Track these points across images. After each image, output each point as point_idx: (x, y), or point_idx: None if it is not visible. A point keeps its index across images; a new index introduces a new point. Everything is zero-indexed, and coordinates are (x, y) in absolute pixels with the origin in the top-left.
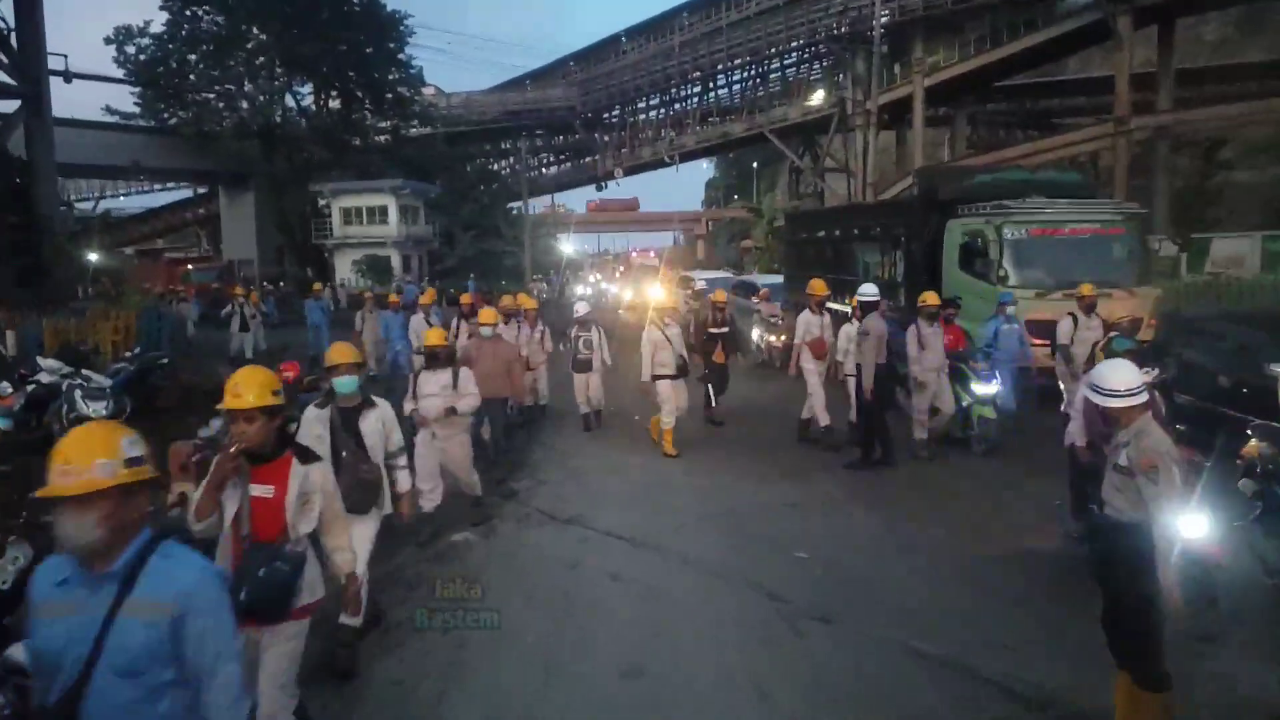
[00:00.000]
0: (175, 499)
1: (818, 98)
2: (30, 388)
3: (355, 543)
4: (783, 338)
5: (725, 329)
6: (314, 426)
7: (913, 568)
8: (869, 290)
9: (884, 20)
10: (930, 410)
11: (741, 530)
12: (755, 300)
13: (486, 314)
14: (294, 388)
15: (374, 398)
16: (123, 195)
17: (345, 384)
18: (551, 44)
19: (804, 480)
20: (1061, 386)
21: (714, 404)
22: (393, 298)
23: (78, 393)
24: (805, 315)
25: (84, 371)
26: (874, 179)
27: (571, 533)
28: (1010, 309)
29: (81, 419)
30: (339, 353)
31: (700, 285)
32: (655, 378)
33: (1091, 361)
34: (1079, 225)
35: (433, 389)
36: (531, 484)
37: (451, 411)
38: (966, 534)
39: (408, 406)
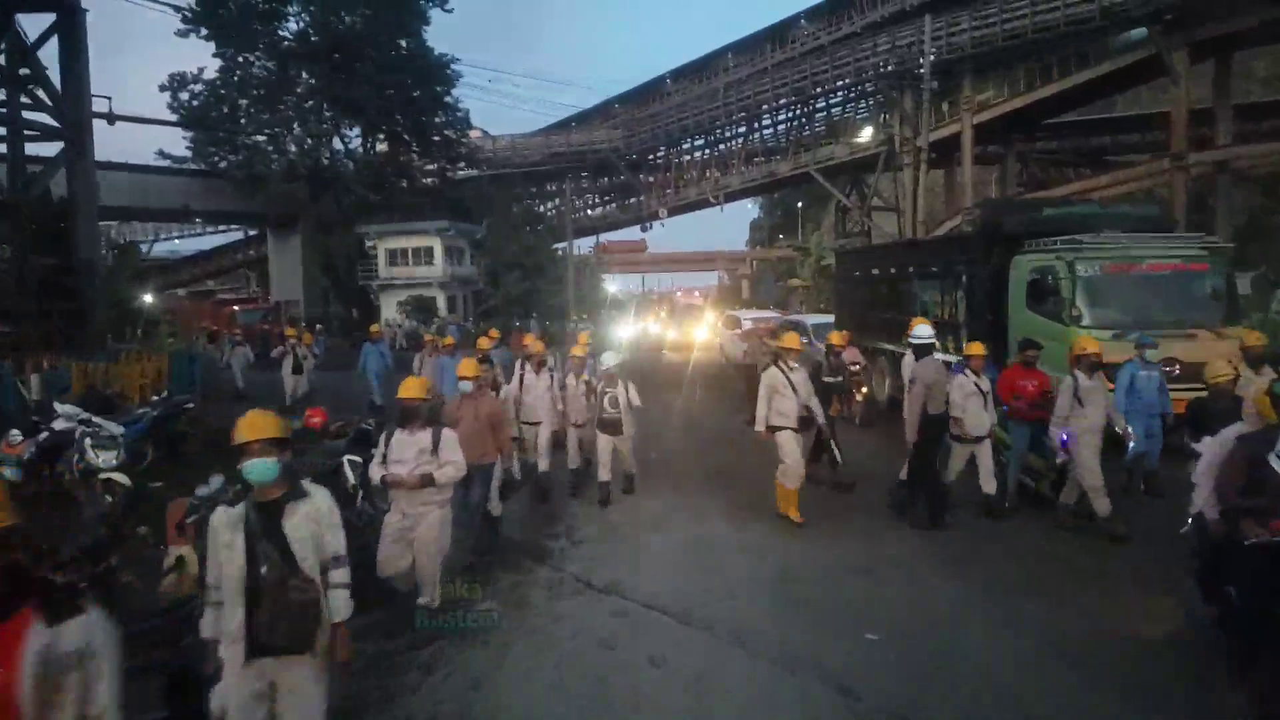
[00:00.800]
0: (171, 563)
1: (866, 134)
2: (43, 436)
3: None
4: (864, 390)
5: (839, 378)
6: (221, 534)
7: (1005, 650)
8: (923, 333)
9: (931, 57)
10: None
11: (802, 602)
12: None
13: (466, 366)
14: (320, 434)
15: (305, 484)
16: (177, 238)
17: (258, 469)
18: (597, 81)
19: (869, 540)
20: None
21: (839, 460)
22: (448, 340)
23: (88, 441)
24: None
25: (95, 419)
26: (923, 218)
27: (608, 604)
28: (1149, 352)
29: (92, 471)
30: (250, 426)
31: (750, 325)
32: (772, 429)
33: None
34: (1159, 261)
35: (407, 454)
36: (566, 544)
37: (429, 482)
38: (1066, 609)
39: (375, 473)
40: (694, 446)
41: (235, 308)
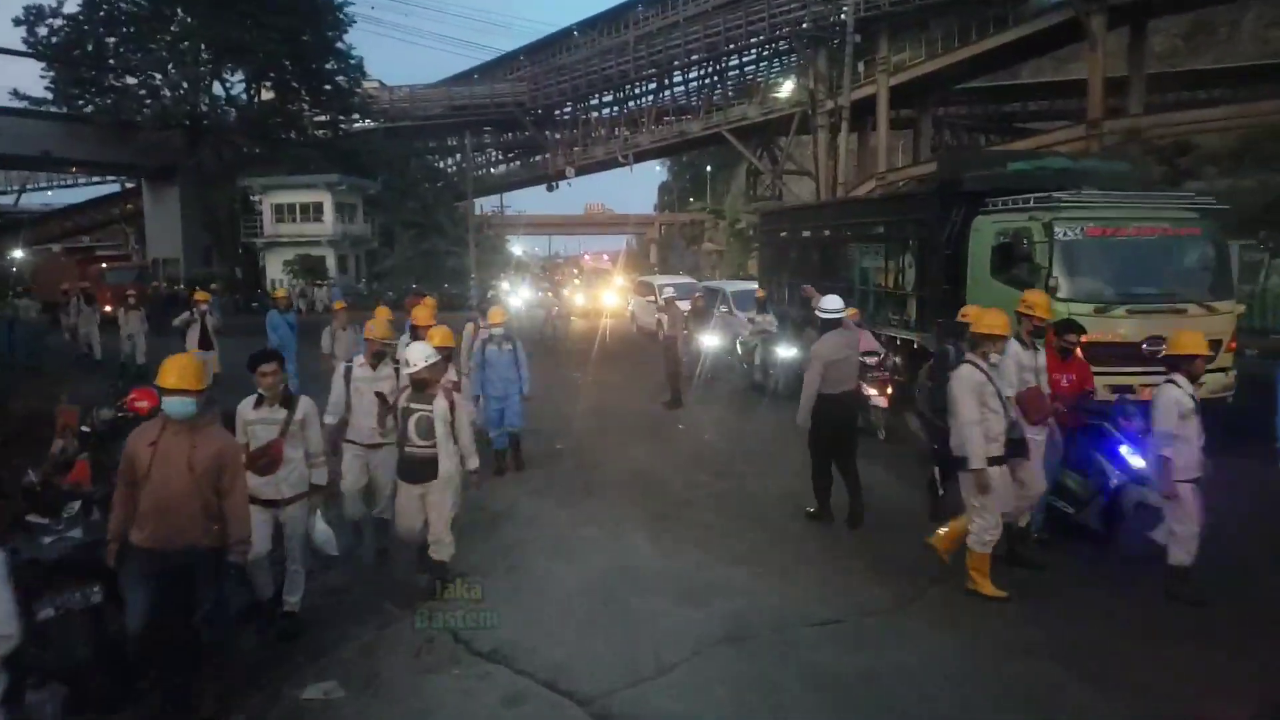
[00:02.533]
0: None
1: (787, 89)
2: None
3: None
4: (889, 390)
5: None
6: None
7: None
8: (832, 305)
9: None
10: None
11: (763, 681)
12: (760, 318)
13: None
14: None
15: None
16: (48, 189)
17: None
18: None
19: (832, 573)
20: None
21: (941, 491)
22: (338, 305)
23: None
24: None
25: None
26: (842, 181)
27: (496, 681)
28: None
29: None
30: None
31: (670, 293)
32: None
33: None
34: (1147, 223)
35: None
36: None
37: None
38: (1119, 695)
39: None
40: (608, 434)
41: (104, 265)
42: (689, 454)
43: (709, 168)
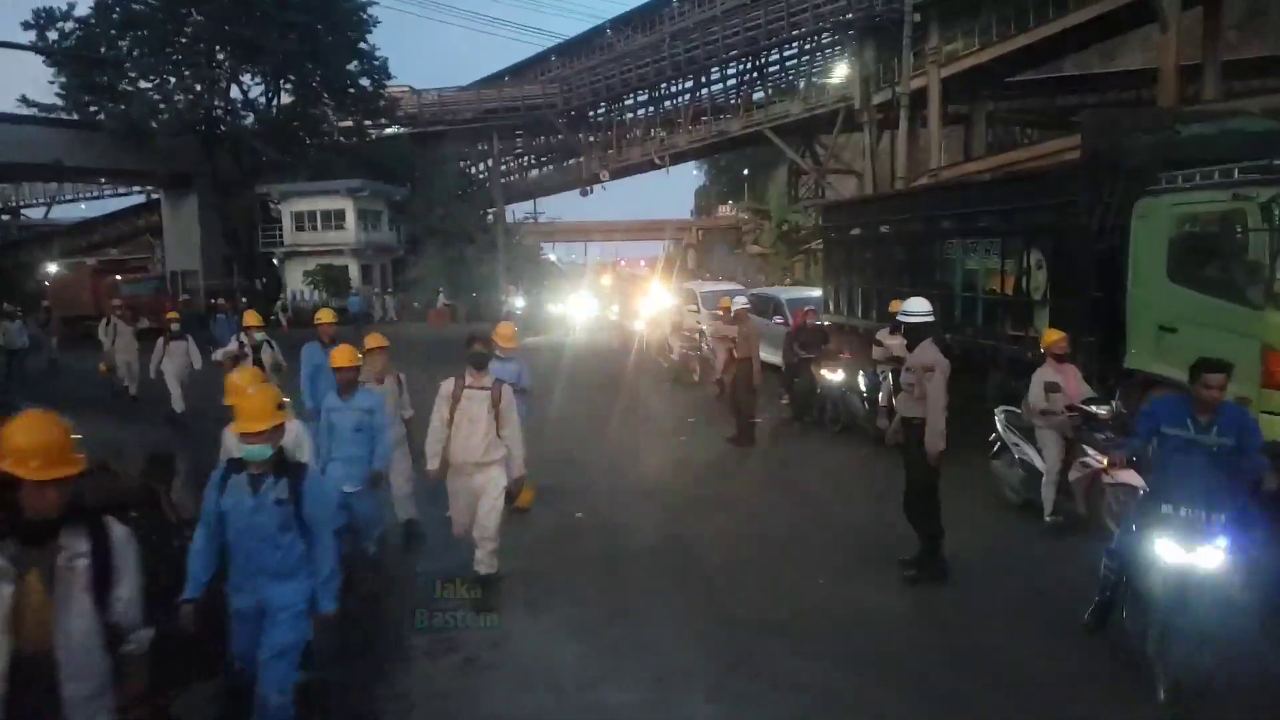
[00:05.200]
0: None
1: (833, 82)
2: None
3: None
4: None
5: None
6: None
7: None
8: (918, 308)
9: (898, 4)
10: None
11: None
12: (890, 341)
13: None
14: None
15: None
16: (81, 202)
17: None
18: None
19: None
20: None
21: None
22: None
23: None
24: None
25: None
26: (903, 177)
27: None
28: None
29: None
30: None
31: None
32: None
33: None
34: None
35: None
36: None
37: None
38: None
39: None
40: (650, 493)
41: (118, 277)
42: (772, 530)
43: (745, 170)
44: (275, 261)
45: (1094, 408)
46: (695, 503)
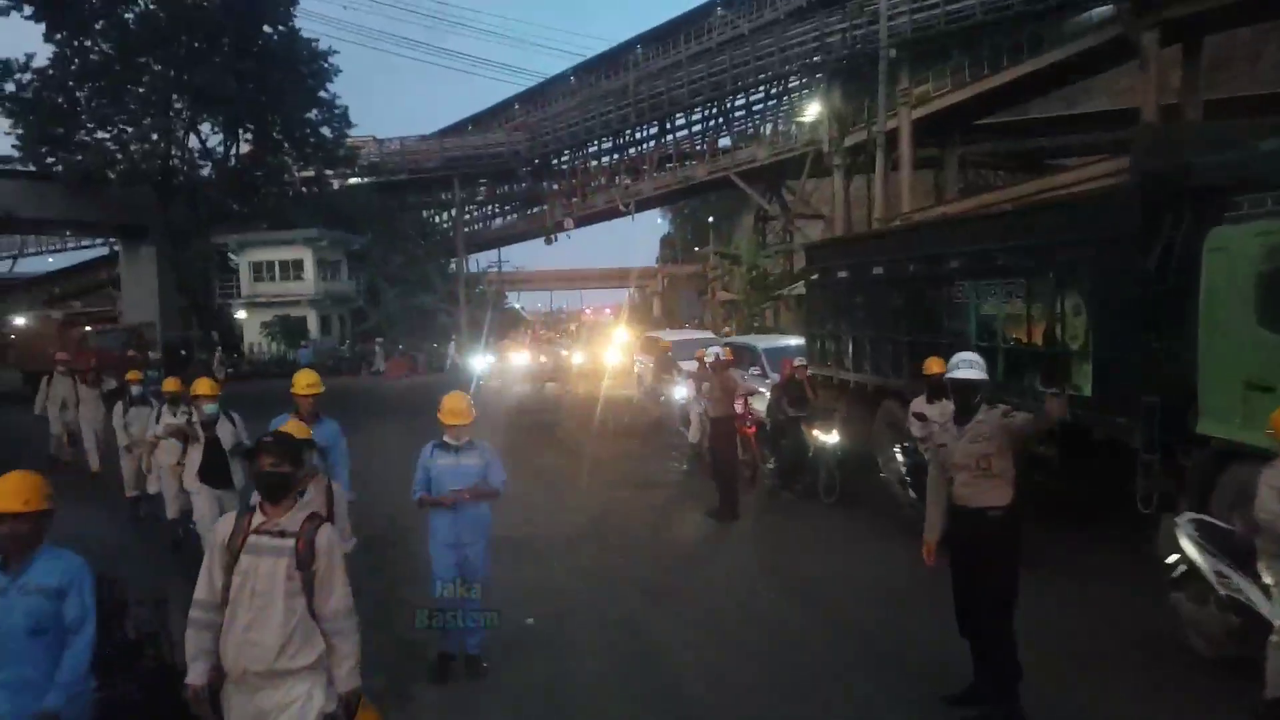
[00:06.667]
0: None
1: (800, 126)
2: None
3: None
4: None
5: None
6: None
7: None
8: (974, 359)
9: (869, 46)
10: None
11: None
12: (931, 409)
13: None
14: None
15: None
16: (49, 255)
17: None
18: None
19: None
20: None
21: None
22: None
23: None
24: None
25: None
26: (880, 218)
27: None
28: None
29: None
30: None
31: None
32: None
33: None
34: None
35: None
36: None
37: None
38: None
39: None
40: (616, 585)
41: (87, 328)
42: (765, 641)
43: (710, 218)
44: (238, 315)
45: None
46: (670, 598)
